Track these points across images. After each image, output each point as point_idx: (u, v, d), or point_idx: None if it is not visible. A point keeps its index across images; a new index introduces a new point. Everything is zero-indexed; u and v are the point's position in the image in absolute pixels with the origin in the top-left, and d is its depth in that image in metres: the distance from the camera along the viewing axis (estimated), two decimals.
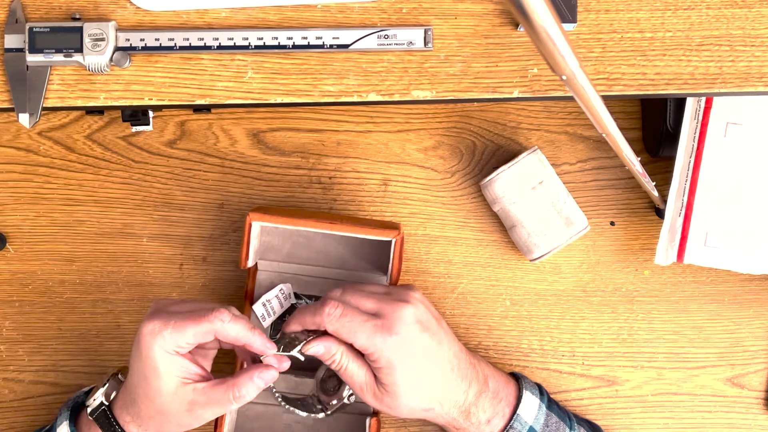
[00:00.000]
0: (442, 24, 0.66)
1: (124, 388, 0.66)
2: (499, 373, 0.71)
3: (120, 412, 0.65)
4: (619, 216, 0.79)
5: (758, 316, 0.79)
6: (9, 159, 0.79)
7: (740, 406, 0.79)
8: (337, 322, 0.64)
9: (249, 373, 0.63)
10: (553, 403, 0.72)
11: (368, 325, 0.64)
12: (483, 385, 0.68)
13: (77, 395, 0.70)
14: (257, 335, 0.64)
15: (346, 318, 0.64)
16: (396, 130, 0.79)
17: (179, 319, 0.62)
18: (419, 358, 0.65)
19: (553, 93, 0.66)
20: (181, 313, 0.63)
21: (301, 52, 0.65)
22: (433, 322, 0.67)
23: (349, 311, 0.65)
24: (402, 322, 0.65)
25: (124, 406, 0.65)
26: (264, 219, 0.71)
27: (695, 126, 0.73)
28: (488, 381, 0.69)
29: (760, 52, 0.66)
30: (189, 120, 0.79)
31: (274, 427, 0.75)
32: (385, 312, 0.65)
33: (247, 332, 0.63)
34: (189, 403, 0.63)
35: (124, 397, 0.65)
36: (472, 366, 0.68)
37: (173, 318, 0.62)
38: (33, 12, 0.66)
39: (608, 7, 0.66)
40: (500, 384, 0.69)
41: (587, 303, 0.79)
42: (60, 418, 0.68)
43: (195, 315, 0.62)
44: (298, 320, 0.67)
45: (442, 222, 0.79)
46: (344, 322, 0.64)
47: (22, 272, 0.79)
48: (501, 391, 0.69)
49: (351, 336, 0.64)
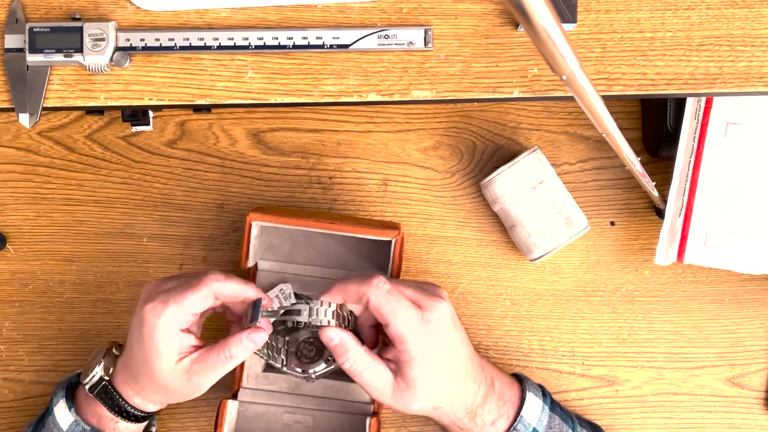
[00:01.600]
0: (442, 24, 0.66)
1: (123, 365, 0.67)
2: (504, 374, 0.71)
3: (122, 386, 0.66)
4: (619, 216, 0.79)
5: (758, 316, 0.79)
6: (9, 159, 0.79)
7: (740, 406, 0.79)
8: (383, 296, 0.64)
9: (238, 335, 0.64)
10: (556, 405, 0.72)
11: (411, 309, 0.64)
12: (490, 387, 0.68)
13: (70, 376, 0.71)
14: (251, 287, 0.65)
15: (393, 296, 0.64)
16: (396, 130, 0.79)
17: (177, 294, 0.63)
18: (444, 355, 0.65)
19: (553, 93, 0.66)
20: (175, 288, 0.64)
21: (301, 52, 0.65)
22: (458, 322, 0.67)
23: (395, 291, 0.64)
24: (439, 316, 0.65)
25: (126, 382, 0.66)
26: (264, 219, 0.71)
27: (695, 126, 0.73)
28: (495, 383, 0.69)
29: (760, 52, 0.66)
30: (189, 120, 0.79)
31: (274, 427, 0.75)
32: (424, 303, 0.65)
33: (242, 286, 0.65)
34: (187, 373, 0.64)
35: (125, 372, 0.66)
36: (481, 368, 0.68)
37: (170, 295, 0.63)
38: (33, 12, 0.66)
39: (608, 7, 0.66)
40: (505, 386, 0.69)
41: (587, 303, 0.79)
42: (56, 398, 0.68)
43: (191, 285, 0.63)
44: (339, 289, 0.66)
45: (442, 222, 0.79)
46: (390, 298, 0.64)
47: (22, 272, 0.79)
48: (506, 393, 0.69)
49: (391, 315, 0.63)
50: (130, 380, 0.66)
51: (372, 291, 0.64)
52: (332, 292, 0.66)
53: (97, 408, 0.67)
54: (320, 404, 0.75)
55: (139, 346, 0.64)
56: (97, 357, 0.68)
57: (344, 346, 0.64)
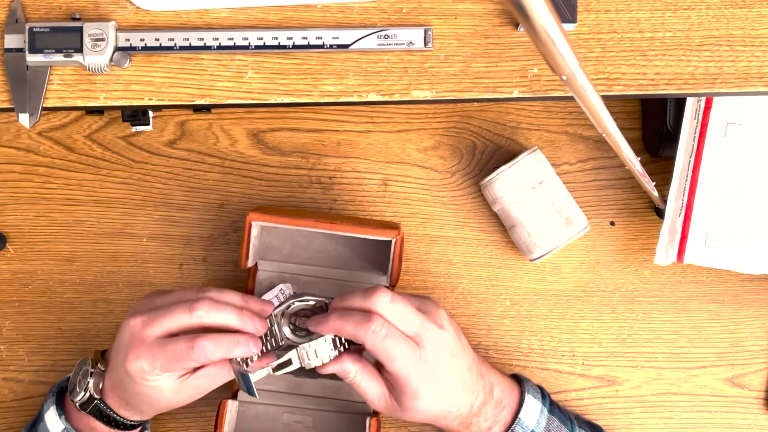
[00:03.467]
0: (442, 24, 0.66)
1: (113, 386, 0.66)
2: (504, 378, 0.71)
3: (115, 404, 0.66)
4: (619, 216, 0.79)
5: (758, 316, 0.79)
6: (9, 159, 0.79)
7: (740, 406, 0.79)
8: (380, 342, 0.61)
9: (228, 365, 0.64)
10: (555, 406, 0.72)
11: (408, 353, 0.62)
12: (488, 395, 0.68)
13: (61, 381, 0.71)
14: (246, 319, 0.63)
15: (390, 340, 0.62)
16: (396, 130, 0.79)
17: (163, 354, 0.61)
18: (442, 383, 0.65)
19: (553, 93, 0.66)
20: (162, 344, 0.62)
21: (301, 52, 0.65)
22: (457, 344, 0.66)
23: (392, 334, 0.62)
24: (438, 352, 0.64)
25: (119, 402, 0.66)
26: (264, 219, 0.71)
27: (695, 126, 0.73)
28: (494, 390, 0.68)
29: (760, 52, 0.66)
30: (189, 120, 0.79)
31: (274, 427, 0.75)
32: (424, 339, 0.63)
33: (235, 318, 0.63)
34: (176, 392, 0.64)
35: (117, 392, 0.66)
36: (481, 376, 0.68)
37: (156, 351, 0.61)
38: (33, 12, 0.66)
39: (608, 7, 0.66)
40: (505, 391, 0.69)
41: (587, 303, 0.79)
42: (46, 404, 0.68)
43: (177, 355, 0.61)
44: (334, 326, 0.63)
45: (442, 222, 0.79)
46: (387, 343, 0.62)
47: (22, 272, 0.79)
48: (505, 399, 0.69)
49: (388, 360, 0.62)
50: (123, 403, 0.66)
51: (369, 337, 0.61)
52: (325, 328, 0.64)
53: (89, 421, 0.67)
54: (320, 404, 0.75)
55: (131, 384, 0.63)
56: (83, 373, 0.67)
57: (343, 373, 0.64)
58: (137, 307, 0.65)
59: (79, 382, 0.66)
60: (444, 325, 0.65)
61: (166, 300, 0.65)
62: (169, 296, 0.65)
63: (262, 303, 0.66)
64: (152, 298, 0.66)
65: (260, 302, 0.66)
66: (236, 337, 0.62)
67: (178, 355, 0.61)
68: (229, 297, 0.65)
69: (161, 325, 0.62)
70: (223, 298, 0.64)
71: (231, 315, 0.63)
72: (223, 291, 0.65)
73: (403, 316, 0.63)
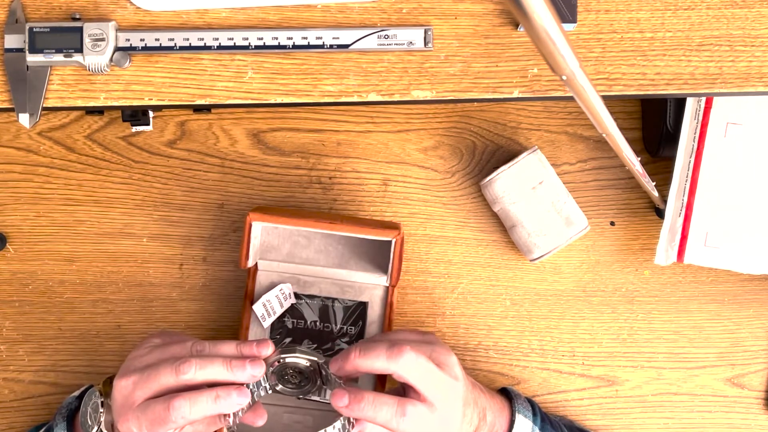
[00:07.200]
0: (442, 24, 0.66)
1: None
2: (495, 398, 0.70)
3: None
4: (619, 216, 0.79)
5: (758, 316, 0.79)
6: (9, 159, 0.79)
7: (740, 406, 0.79)
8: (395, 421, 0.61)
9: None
10: (546, 423, 0.71)
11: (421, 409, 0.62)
12: (481, 420, 0.67)
13: (69, 402, 0.70)
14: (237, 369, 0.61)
15: (405, 417, 0.61)
16: (396, 130, 0.79)
17: (146, 418, 0.59)
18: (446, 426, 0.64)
19: (553, 93, 0.66)
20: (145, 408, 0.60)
21: (301, 52, 0.65)
22: (468, 391, 0.65)
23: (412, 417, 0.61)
24: (453, 407, 0.63)
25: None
26: (264, 219, 0.71)
27: (695, 126, 0.73)
28: (486, 414, 0.68)
29: (760, 52, 0.66)
30: (189, 120, 0.79)
31: (274, 427, 0.75)
32: (436, 400, 0.62)
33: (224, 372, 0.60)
34: None
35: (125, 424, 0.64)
36: (476, 404, 0.67)
37: (140, 415, 0.60)
38: (33, 12, 0.66)
39: (608, 7, 0.66)
40: (496, 414, 0.69)
41: (587, 303, 0.79)
42: (57, 429, 0.67)
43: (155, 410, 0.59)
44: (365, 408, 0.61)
45: (442, 222, 0.79)
46: (402, 420, 0.61)
47: (22, 272, 0.79)
48: (497, 422, 0.69)
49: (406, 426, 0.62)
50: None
51: (393, 423, 0.61)
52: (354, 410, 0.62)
53: None
54: (320, 404, 0.75)
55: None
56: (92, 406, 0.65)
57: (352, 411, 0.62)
58: (128, 365, 0.63)
59: (91, 416, 0.65)
60: (458, 376, 0.64)
61: (159, 356, 0.62)
62: (163, 351, 0.63)
63: (259, 345, 0.63)
64: (145, 351, 0.64)
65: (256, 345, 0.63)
66: (215, 391, 0.60)
67: (158, 418, 0.59)
68: (221, 349, 0.63)
69: (148, 388, 0.60)
70: (214, 351, 0.62)
71: (220, 369, 0.60)
72: (218, 344, 0.63)
73: (420, 376, 0.62)
